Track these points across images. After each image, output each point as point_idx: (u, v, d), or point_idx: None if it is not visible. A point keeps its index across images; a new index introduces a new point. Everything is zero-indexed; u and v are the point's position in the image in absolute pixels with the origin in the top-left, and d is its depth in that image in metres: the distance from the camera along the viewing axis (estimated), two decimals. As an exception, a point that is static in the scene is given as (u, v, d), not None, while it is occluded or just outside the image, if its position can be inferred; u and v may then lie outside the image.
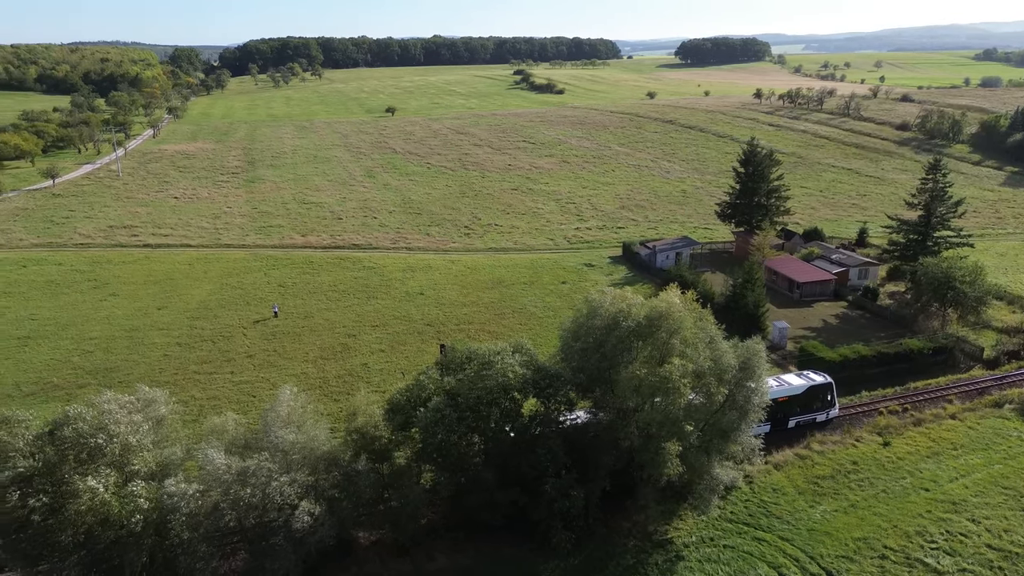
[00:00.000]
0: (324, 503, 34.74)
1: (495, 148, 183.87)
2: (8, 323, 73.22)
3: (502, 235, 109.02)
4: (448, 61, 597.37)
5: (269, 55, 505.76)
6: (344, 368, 64.33)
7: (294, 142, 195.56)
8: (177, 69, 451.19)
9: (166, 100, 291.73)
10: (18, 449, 31.17)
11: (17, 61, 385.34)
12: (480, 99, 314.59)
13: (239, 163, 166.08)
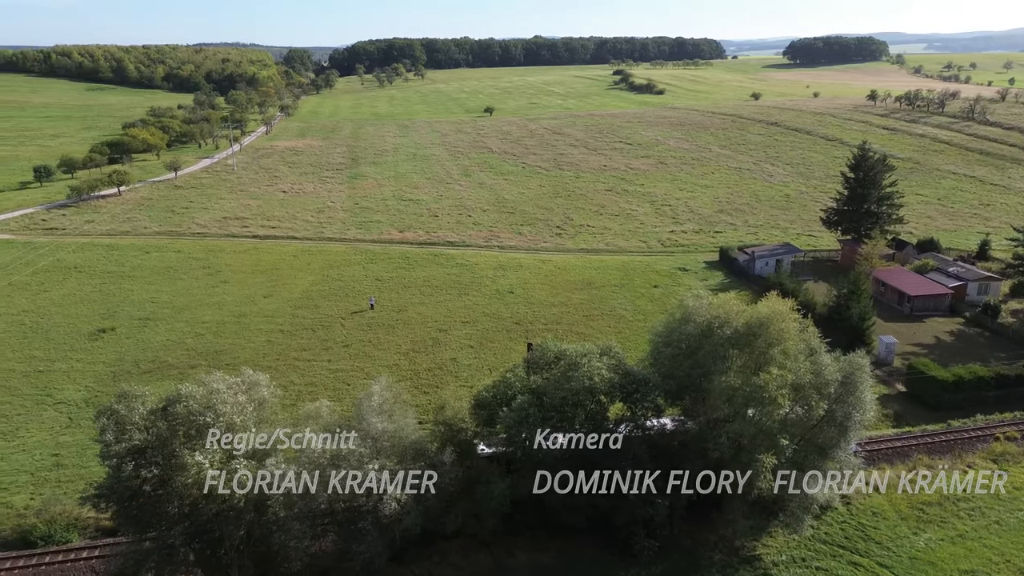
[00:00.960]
0: (411, 492, 35.61)
1: (591, 148, 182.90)
2: (131, 305, 79.00)
3: (594, 236, 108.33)
4: (548, 61, 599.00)
5: (375, 56, 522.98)
6: (434, 362, 65.69)
7: (395, 140, 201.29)
8: (290, 69, 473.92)
9: (279, 99, 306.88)
10: (134, 423, 33.57)
11: (147, 61, 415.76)
12: (578, 99, 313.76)
13: (343, 160, 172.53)
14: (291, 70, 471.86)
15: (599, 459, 39.42)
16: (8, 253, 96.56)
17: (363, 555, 34.87)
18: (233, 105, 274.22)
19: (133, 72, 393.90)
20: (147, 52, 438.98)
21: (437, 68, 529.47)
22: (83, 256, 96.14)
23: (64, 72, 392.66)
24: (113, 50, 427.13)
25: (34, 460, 49.92)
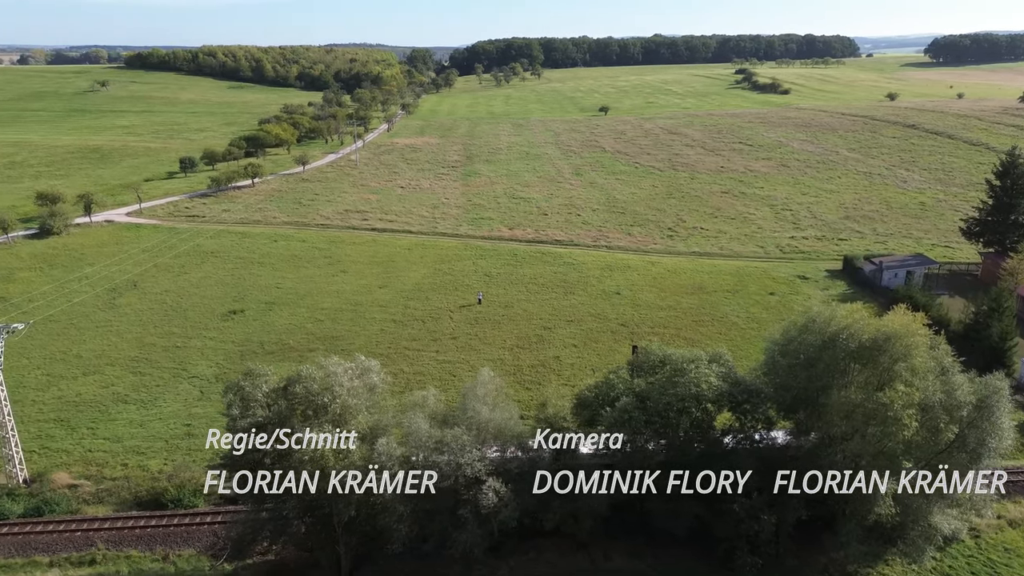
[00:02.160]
0: (510, 484, 36.08)
1: (708, 149, 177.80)
2: (259, 289, 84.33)
3: (707, 239, 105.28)
4: (667, 60, 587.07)
5: (494, 55, 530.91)
6: (537, 359, 66.08)
7: (509, 139, 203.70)
8: (412, 69, 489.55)
9: (400, 97, 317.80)
10: (258, 400, 35.93)
11: (283, 61, 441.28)
12: (697, 99, 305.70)
13: (459, 157, 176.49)
14: (413, 69, 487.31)
15: (702, 467, 38.32)
16: (155, 237, 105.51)
17: (462, 543, 35.68)
18: (358, 103, 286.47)
19: (270, 71, 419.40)
20: (283, 52, 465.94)
21: (554, 67, 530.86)
22: (219, 242, 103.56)
23: (209, 71, 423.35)
24: (253, 51, 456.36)
25: (169, 428, 54.37)
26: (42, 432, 53.50)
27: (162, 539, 42.65)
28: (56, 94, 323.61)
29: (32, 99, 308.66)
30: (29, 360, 64.62)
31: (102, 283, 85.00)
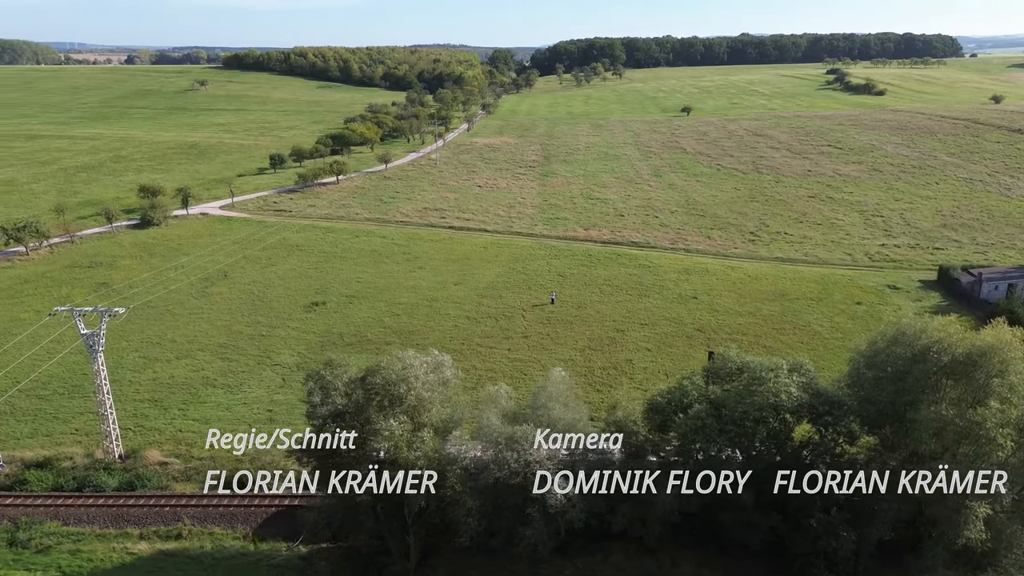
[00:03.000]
0: (579, 484, 35.96)
1: (794, 152, 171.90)
2: (341, 283, 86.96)
3: (791, 245, 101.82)
4: (754, 60, 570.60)
5: (575, 55, 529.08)
6: (609, 361, 65.55)
7: (588, 139, 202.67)
8: (494, 69, 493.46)
9: (481, 97, 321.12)
10: (337, 388, 37.15)
11: (369, 61, 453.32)
12: (784, 100, 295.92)
13: (536, 157, 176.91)
14: (494, 70, 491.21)
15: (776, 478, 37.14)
16: (245, 230, 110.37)
17: (528, 540, 35.82)
18: (440, 103, 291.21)
19: (356, 72, 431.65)
20: (369, 53, 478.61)
21: (636, 67, 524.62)
22: (304, 236, 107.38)
23: (300, 71, 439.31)
24: (341, 51, 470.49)
25: (252, 412, 56.80)
26: (137, 411, 56.84)
27: (243, 518, 44.59)
28: (159, 92, 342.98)
29: (137, 97, 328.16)
30: (128, 343, 68.74)
31: (196, 272, 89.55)
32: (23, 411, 56.39)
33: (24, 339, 64.64)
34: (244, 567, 40.26)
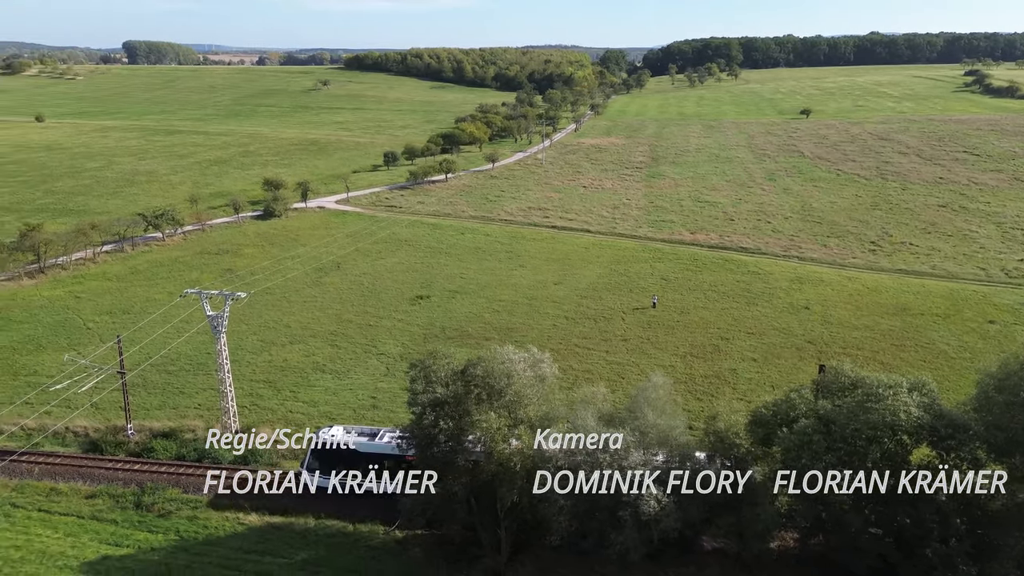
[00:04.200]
0: (673, 493, 35.21)
1: (925, 158, 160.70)
2: (445, 278, 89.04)
3: (916, 256, 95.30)
4: (883, 60, 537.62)
5: (689, 55, 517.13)
6: (711, 369, 63.70)
7: (699, 141, 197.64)
8: (604, 69, 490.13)
9: (590, 98, 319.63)
10: (439, 378, 38.12)
11: (482, 62, 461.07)
12: (915, 102, 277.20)
13: (644, 158, 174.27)
14: (605, 70, 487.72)
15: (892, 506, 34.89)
16: (358, 224, 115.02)
17: (620, 545, 35.40)
18: (548, 103, 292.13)
19: (469, 72, 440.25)
20: (482, 54, 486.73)
21: (753, 68, 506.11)
22: (412, 232, 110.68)
23: (415, 71, 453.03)
24: (455, 52, 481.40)
25: (357, 399, 59.13)
26: (253, 391, 60.45)
27: (344, 499, 46.47)
28: (285, 92, 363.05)
29: (265, 96, 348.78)
30: (247, 326, 73.19)
31: (311, 262, 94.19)
32: (153, 384, 61.22)
33: (157, 318, 70.18)
34: (344, 546, 42.02)
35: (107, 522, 43.79)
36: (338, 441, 45.50)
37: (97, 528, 43.28)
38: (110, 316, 76.06)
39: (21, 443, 51.31)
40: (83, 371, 55.19)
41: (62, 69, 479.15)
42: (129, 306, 78.88)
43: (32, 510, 44.61)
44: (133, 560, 40.50)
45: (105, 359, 59.47)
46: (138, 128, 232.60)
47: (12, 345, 68.64)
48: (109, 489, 46.92)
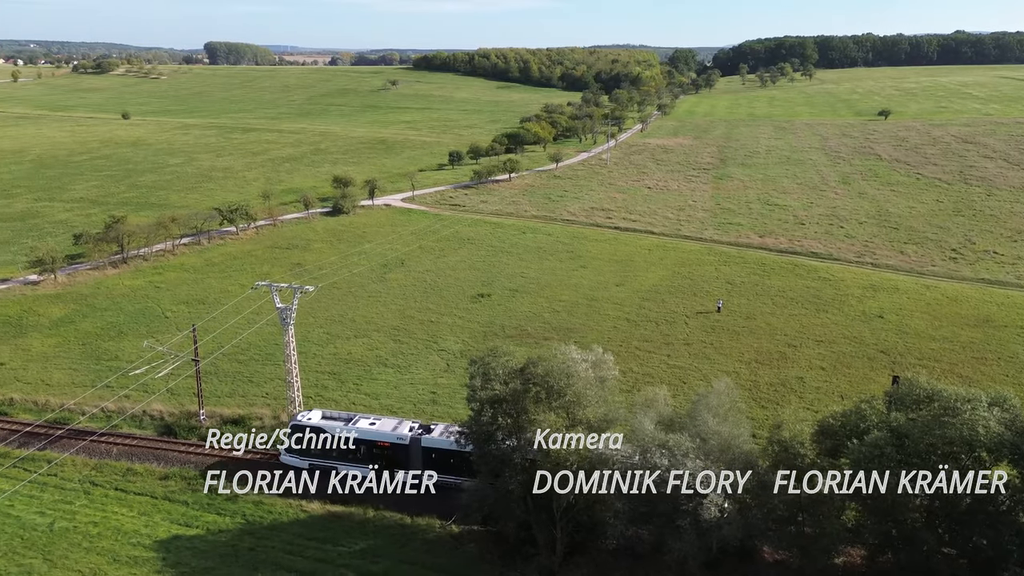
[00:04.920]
0: (734, 502, 34.41)
1: (1012, 162, 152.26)
2: (506, 277, 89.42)
3: (1001, 266, 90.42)
4: (970, 60, 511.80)
5: (762, 55, 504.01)
6: (777, 377, 61.98)
7: (769, 142, 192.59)
8: (673, 69, 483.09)
9: (658, 98, 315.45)
10: (498, 375, 38.35)
11: (548, 62, 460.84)
12: (1003, 104, 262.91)
13: (711, 160, 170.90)
14: (674, 70, 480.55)
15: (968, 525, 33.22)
16: (422, 222, 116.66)
17: (678, 552, 34.81)
18: (615, 103, 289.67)
19: (535, 72, 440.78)
20: (548, 54, 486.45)
21: (829, 67, 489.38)
22: (475, 230, 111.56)
23: (482, 71, 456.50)
24: (522, 52, 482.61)
25: (417, 393, 60.01)
26: (318, 382, 62.08)
27: (401, 492, 47.21)
28: (356, 91, 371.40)
29: (337, 95, 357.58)
30: (314, 319, 75.20)
31: (376, 258, 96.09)
32: (224, 373, 63.58)
33: (229, 309, 72.84)
34: (401, 537, 42.71)
35: (179, 503, 45.73)
36: (312, 424, 48.68)
37: (169, 508, 45.25)
38: (186, 306, 79.38)
39: (101, 424, 54.13)
40: (160, 358, 57.83)
41: (147, 69, 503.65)
42: (204, 296, 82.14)
43: (109, 488, 46.96)
44: (202, 541, 42.16)
45: (181, 347, 62.17)
46: (216, 126, 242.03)
47: (96, 331, 72.41)
48: (182, 471, 48.97)
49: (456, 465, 45.53)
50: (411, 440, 47.66)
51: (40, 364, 64.83)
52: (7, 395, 58.58)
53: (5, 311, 76.57)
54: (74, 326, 73.36)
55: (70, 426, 53.12)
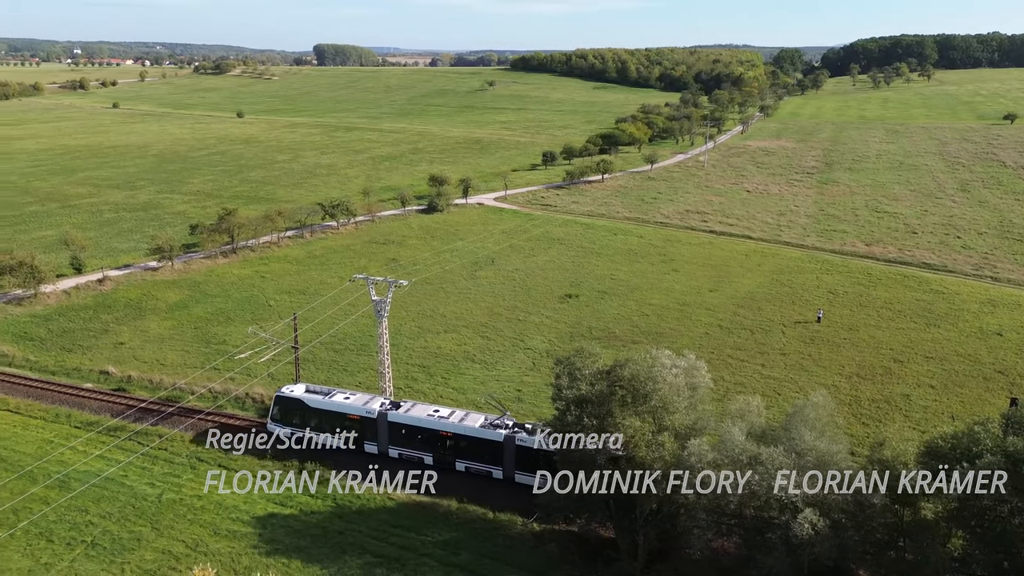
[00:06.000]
0: (828, 521, 32.84)
1: None
2: (595, 278, 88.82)
3: None
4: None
5: (875, 55, 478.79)
6: (880, 393, 58.72)
7: (880, 146, 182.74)
8: (778, 70, 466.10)
9: (760, 99, 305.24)
10: (584, 376, 38.14)
11: (647, 62, 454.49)
12: None
13: (816, 163, 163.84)
14: (779, 70, 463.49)
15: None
16: (513, 221, 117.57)
17: (766, 568, 33.58)
18: (715, 104, 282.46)
19: (633, 73, 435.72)
20: (647, 55, 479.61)
21: (950, 68, 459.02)
22: (565, 231, 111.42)
23: (579, 72, 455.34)
24: (620, 52, 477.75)
25: (503, 390, 60.48)
26: (408, 374, 63.66)
27: (485, 487, 47.80)
28: (454, 92, 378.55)
29: (436, 96, 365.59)
30: (406, 313, 77.18)
31: (467, 256, 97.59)
32: (321, 361, 66.20)
33: (327, 300, 75.82)
34: (483, 532, 43.19)
35: (274, 482, 47.99)
36: (295, 396, 52.64)
37: (265, 487, 47.56)
38: (288, 295, 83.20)
39: (208, 404, 57.50)
40: (263, 343, 60.86)
41: (261, 70, 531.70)
42: (305, 287, 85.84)
43: (213, 465, 49.79)
44: (295, 520, 44.09)
45: (282, 334, 65.25)
46: (321, 125, 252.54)
47: (206, 316, 77.02)
48: (277, 453, 51.36)
49: (421, 441, 49.61)
50: (378, 415, 50.63)
51: (156, 345, 69.57)
52: (126, 372, 63.13)
53: (127, 295, 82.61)
54: (187, 311, 78.28)
55: (180, 404, 56.71)
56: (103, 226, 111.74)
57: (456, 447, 48.74)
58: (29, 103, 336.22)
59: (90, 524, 42.71)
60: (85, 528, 42.36)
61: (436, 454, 49.48)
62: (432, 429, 49.00)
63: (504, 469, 48.01)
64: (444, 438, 48.90)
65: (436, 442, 49.15)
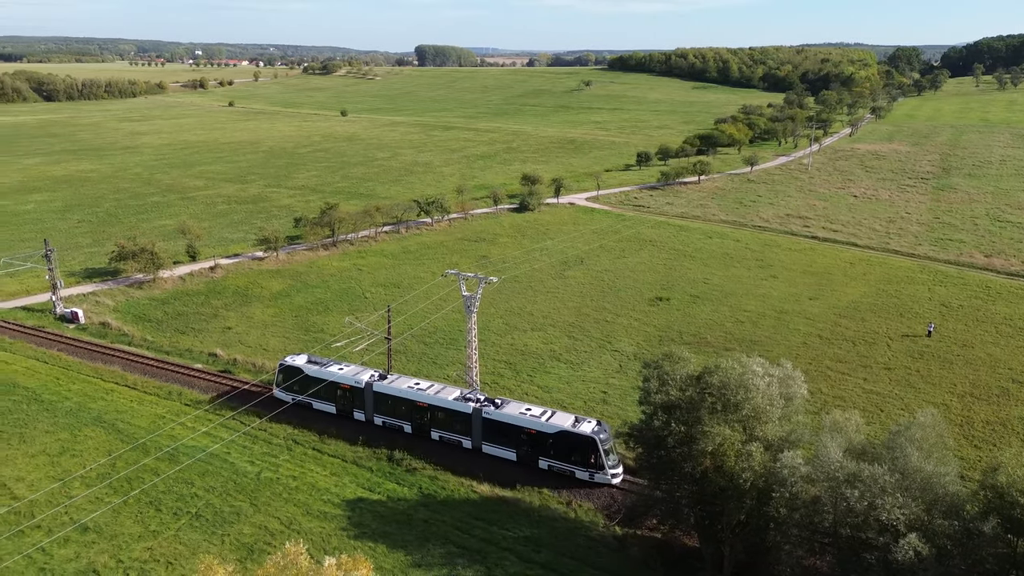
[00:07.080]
0: (932, 547, 30.83)
1: None
2: (687, 282, 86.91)
3: None
4: None
5: (1002, 54, 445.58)
6: (996, 415, 54.64)
7: (1005, 151, 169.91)
8: (893, 69, 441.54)
9: (872, 100, 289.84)
10: (673, 381, 37.39)
11: (750, 62, 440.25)
12: None
13: (931, 168, 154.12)
14: (893, 70, 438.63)
15: None
16: (604, 221, 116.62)
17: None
18: (821, 105, 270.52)
19: (735, 72, 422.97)
20: (751, 54, 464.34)
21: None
22: (657, 232, 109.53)
23: (678, 72, 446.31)
24: (722, 52, 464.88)
25: (588, 390, 60.18)
26: (495, 370, 64.32)
27: (568, 485, 47.71)
28: (550, 92, 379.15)
29: (532, 96, 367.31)
30: (495, 310, 78.00)
31: (557, 255, 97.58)
32: (411, 352, 67.89)
33: (420, 293, 77.63)
34: (564, 531, 43.13)
35: (365, 468, 49.60)
36: (296, 365, 56.79)
37: (356, 473, 49.22)
38: (383, 288, 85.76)
39: (306, 389, 60.00)
40: (358, 333, 63.00)
41: (364, 70, 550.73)
42: (399, 281, 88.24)
43: (308, 448, 52.00)
44: (383, 507, 45.43)
45: (376, 325, 67.33)
46: (420, 124, 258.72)
47: (307, 305, 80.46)
48: (367, 440, 53.09)
49: (404, 412, 52.88)
50: (365, 385, 54.18)
51: (260, 331, 73.29)
52: (232, 356, 66.84)
53: (236, 283, 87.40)
54: (289, 299, 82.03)
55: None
56: (216, 217, 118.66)
57: (433, 418, 52.03)
58: (154, 100, 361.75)
59: (195, 496, 45.49)
60: (191, 500, 45.15)
61: (414, 423, 52.87)
62: (410, 400, 52.45)
63: (472, 439, 51.05)
64: (422, 409, 52.27)
65: (414, 412, 52.57)
